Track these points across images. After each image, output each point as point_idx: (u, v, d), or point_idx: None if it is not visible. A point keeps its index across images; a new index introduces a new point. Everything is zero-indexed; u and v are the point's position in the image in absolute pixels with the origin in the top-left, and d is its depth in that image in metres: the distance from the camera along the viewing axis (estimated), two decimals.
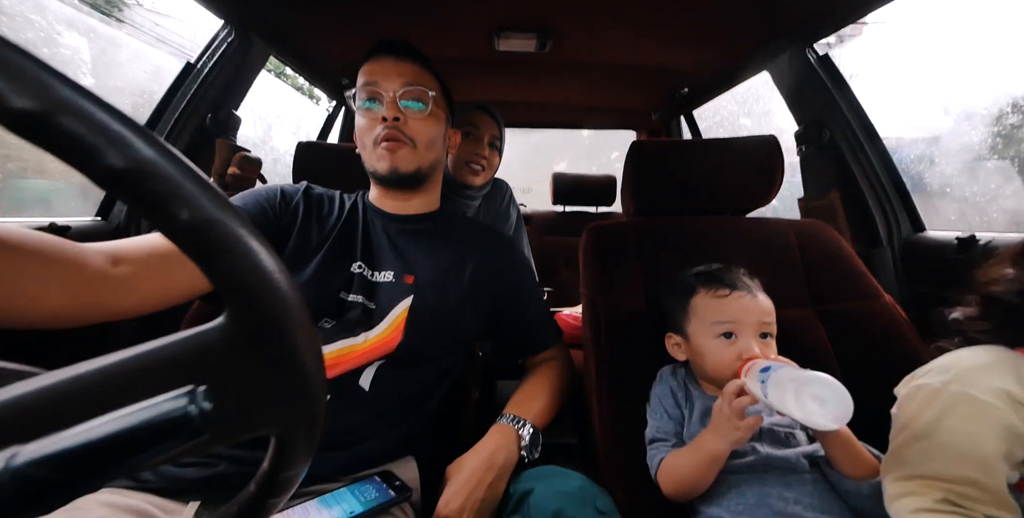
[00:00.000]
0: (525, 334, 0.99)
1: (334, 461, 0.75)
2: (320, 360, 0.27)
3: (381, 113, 0.86)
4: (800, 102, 1.54)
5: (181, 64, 1.42)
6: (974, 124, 1.99)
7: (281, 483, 0.30)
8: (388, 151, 0.86)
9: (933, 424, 0.63)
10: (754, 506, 0.74)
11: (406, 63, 0.89)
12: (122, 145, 0.19)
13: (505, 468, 0.79)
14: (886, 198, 1.42)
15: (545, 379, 0.96)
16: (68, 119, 0.18)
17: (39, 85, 0.18)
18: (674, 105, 2.35)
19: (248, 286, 0.23)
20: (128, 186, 0.20)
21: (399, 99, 0.86)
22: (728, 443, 0.71)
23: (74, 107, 0.18)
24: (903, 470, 0.64)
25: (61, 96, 0.18)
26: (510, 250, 1.01)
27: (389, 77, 0.87)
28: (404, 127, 0.87)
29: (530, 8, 1.33)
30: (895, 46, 2.34)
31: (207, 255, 0.22)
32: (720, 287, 0.85)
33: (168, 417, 0.22)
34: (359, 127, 0.90)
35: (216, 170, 1.40)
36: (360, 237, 0.90)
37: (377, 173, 0.89)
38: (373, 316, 0.83)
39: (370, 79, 0.87)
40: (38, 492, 0.20)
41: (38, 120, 0.18)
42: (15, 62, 0.18)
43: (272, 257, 0.24)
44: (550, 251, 2.44)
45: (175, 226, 0.21)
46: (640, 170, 1.14)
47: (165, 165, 0.20)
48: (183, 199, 0.20)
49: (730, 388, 0.71)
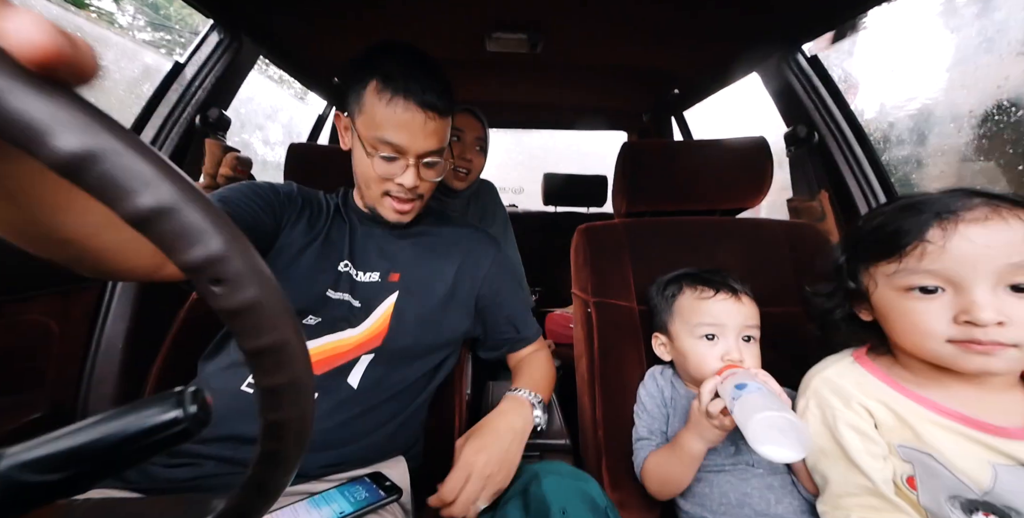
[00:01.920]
0: (509, 330, 1.00)
1: (322, 459, 0.75)
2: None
3: (398, 173, 0.82)
4: (789, 103, 1.55)
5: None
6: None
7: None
8: (398, 211, 0.87)
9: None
10: (736, 506, 0.75)
11: (434, 120, 0.80)
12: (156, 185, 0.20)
13: (522, 432, 0.80)
14: (874, 198, 1.43)
15: (538, 366, 0.98)
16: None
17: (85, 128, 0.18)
18: (665, 106, 2.36)
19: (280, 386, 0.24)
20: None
21: (420, 161, 0.82)
22: (704, 442, 0.73)
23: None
24: (823, 497, 0.70)
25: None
26: (494, 246, 1.03)
27: (415, 137, 0.79)
28: (418, 188, 0.85)
29: (521, 8, 1.33)
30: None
31: (235, 321, 0.22)
32: (704, 289, 0.86)
33: (158, 421, 0.22)
34: (365, 170, 0.83)
35: (207, 170, 1.39)
36: (348, 237, 0.90)
37: (379, 218, 0.89)
38: (358, 313, 0.84)
39: (394, 139, 0.78)
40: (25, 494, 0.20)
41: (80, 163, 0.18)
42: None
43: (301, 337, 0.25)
44: (541, 251, 2.45)
45: (186, 265, 0.21)
46: (631, 171, 1.15)
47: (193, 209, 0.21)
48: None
49: (706, 387, 0.72)
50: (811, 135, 1.47)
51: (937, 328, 0.58)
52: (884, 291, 0.65)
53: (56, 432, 0.22)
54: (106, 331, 1.18)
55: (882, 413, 0.66)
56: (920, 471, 0.62)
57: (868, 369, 0.70)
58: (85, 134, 0.18)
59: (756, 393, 0.65)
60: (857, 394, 0.68)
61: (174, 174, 0.20)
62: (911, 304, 0.61)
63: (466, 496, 0.69)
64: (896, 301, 0.63)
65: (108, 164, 0.19)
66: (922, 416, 0.63)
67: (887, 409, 0.66)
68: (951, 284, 0.57)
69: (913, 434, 0.63)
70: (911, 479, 0.63)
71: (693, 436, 0.73)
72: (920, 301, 0.60)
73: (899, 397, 0.65)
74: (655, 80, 2.00)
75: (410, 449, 0.88)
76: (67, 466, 0.21)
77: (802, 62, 1.49)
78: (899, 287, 0.62)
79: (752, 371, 0.73)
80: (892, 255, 0.62)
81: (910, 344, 0.63)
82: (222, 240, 0.21)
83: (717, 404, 0.69)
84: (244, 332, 0.23)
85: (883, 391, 0.67)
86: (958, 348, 0.57)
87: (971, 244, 0.56)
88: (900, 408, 0.65)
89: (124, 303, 1.20)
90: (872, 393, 0.67)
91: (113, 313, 1.19)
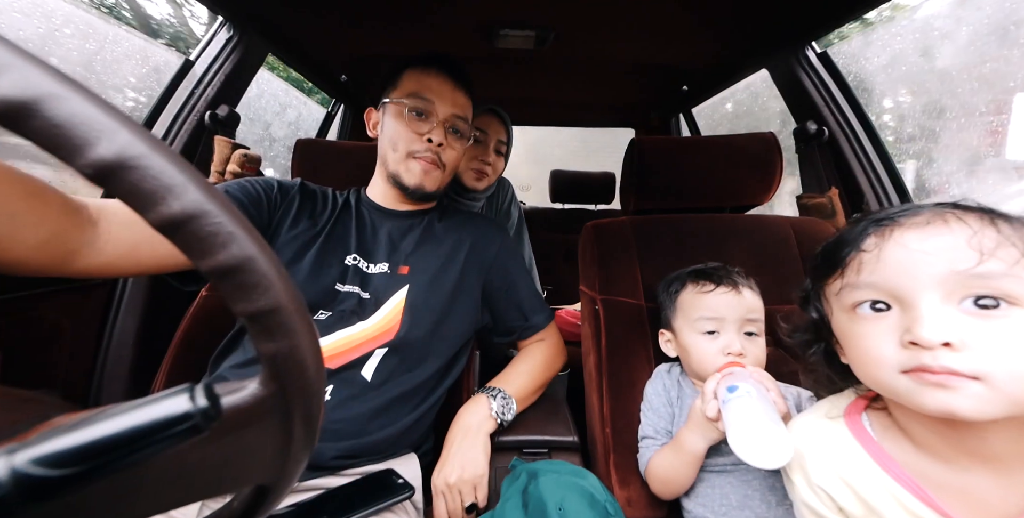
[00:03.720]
0: (517, 317, 1.01)
1: (336, 450, 0.76)
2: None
3: (427, 131, 0.89)
4: (799, 100, 1.54)
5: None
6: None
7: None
8: (423, 171, 0.91)
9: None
10: (737, 508, 0.75)
11: (461, 92, 0.94)
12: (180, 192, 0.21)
13: (477, 426, 0.85)
14: (885, 195, 1.42)
15: (529, 358, 0.99)
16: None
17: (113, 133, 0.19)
18: (673, 103, 2.35)
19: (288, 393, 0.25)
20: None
21: (447, 125, 0.91)
22: (706, 441, 0.72)
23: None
24: None
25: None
26: (501, 235, 1.04)
27: (444, 100, 0.91)
28: (442, 152, 0.91)
29: (530, 5, 1.32)
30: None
31: (255, 324, 0.24)
32: (705, 283, 0.85)
33: (168, 415, 0.23)
34: (396, 130, 0.91)
35: (216, 168, 1.39)
36: (354, 231, 0.92)
37: (401, 182, 0.92)
38: (368, 305, 0.85)
39: (425, 93, 0.90)
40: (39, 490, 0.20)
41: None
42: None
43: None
44: (549, 249, 2.44)
45: (212, 268, 0.22)
46: (639, 168, 1.15)
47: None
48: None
49: (707, 387, 0.71)
50: (821, 131, 1.46)
51: (885, 353, 0.48)
52: (837, 315, 0.55)
53: (66, 425, 0.22)
54: (117, 328, 1.20)
55: (848, 497, 0.55)
56: None
57: (854, 431, 0.57)
58: (118, 143, 0.19)
59: (744, 398, 0.64)
60: (821, 473, 0.57)
61: (202, 181, 0.21)
62: (859, 327, 0.52)
63: (451, 512, 0.78)
64: (847, 325, 0.54)
65: (140, 172, 0.20)
66: (904, 505, 0.51)
67: (855, 492, 0.54)
68: (895, 299, 0.48)
69: None
70: None
71: (694, 434, 0.73)
72: (868, 322, 0.51)
73: (880, 477, 0.53)
74: (663, 77, 1.99)
75: (421, 446, 0.88)
76: (78, 461, 0.21)
77: (812, 58, 1.48)
78: (846, 306, 0.53)
79: (749, 370, 0.72)
80: (834, 270, 0.55)
81: (865, 376, 0.52)
82: (250, 245, 0.22)
83: (713, 406, 0.68)
84: (260, 334, 0.24)
85: (860, 466, 0.55)
86: (912, 379, 0.46)
87: (905, 250, 0.48)
88: (872, 491, 0.53)
89: (135, 300, 1.21)
90: (845, 468, 0.56)
91: (124, 310, 1.20)
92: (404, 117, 0.90)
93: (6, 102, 0.18)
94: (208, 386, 0.24)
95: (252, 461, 0.28)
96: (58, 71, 0.19)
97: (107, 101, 0.20)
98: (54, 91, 0.19)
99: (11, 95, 0.18)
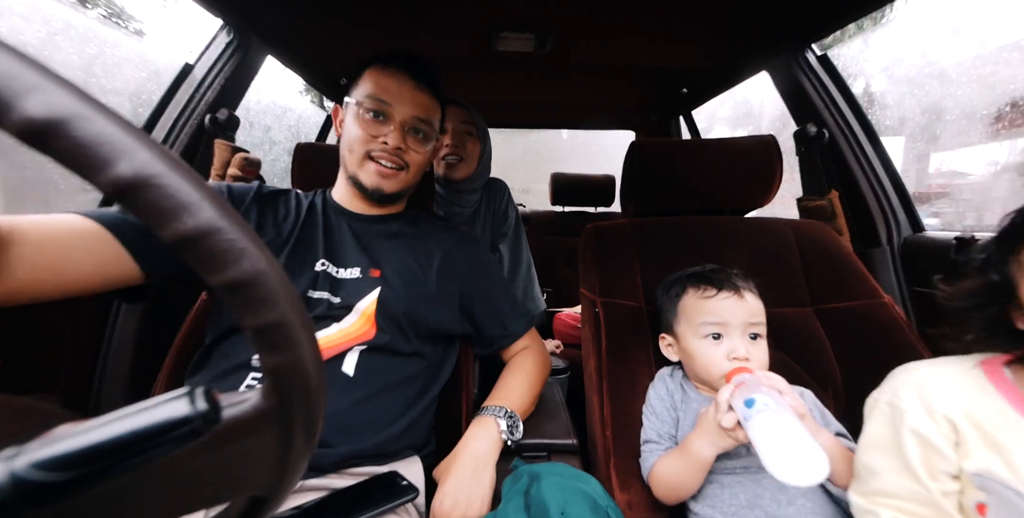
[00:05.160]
0: (496, 326, 1.00)
1: (336, 453, 0.75)
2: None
3: (384, 134, 0.87)
4: (799, 102, 1.54)
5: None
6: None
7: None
8: (380, 175, 0.89)
9: (868, 436, 0.64)
10: (747, 507, 0.74)
11: (423, 92, 0.90)
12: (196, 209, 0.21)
13: (487, 455, 0.81)
14: (885, 198, 1.42)
15: (520, 370, 0.98)
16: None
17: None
18: (673, 105, 2.35)
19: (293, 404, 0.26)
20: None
21: (406, 127, 0.88)
22: (715, 448, 0.71)
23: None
24: (859, 486, 0.65)
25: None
26: (473, 244, 1.03)
27: (403, 101, 0.87)
28: (404, 154, 0.89)
29: (529, 8, 1.32)
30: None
31: (260, 338, 0.24)
32: (707, 287, 0.85)
33: (168, 418, 0.22)
34: (352, 132, 0.88)
35: (216, 171, 1.40)
36: (322, 236, 0.91)
37: (360, 184, 0.90)
38: (338, 309, 0.84)
39: (383, 96, 0.87)
40: (39, 495, 0.20)
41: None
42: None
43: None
44: (549, 251, 2.44)
45: (222, 283, 0.23)
46: (639, 170, 1.15)
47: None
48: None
49: (721, 397, 0.70)
50: (821, 134, 1.46)
51: None
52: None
53: (68, 429, 0.22)
54: (116, 333, 1.19)
55: (971, 433, 0.55)
56: (995, 503, 0.53)
57: (992, 379, 0.58)
58: (137, 162, 0.20)
59: (765, 413, 0.62)
60: (947, 404, 0.57)
61: (216, 199, 0.22)
62: None
63: None
64: None
65: (157, 190, 0.20)
66: None
67: (981, 430, 0.55)
68: None
69: (1005, 463, 0.53)
70: (982, 506, 0.55)
71: (704, 442, 0.72)
72: None
73: (1015, 418, 0.54)
74: (663, 79, 1.99)
75: (423, 449, 0.88)
76: (78, 465, 0.21)
77: (812, 60, 1.48)
78: None
79: (759, 375, 0.71)
80: None
81: None
82: (261, 262, 0.23)
83: (730, 418, 0.67)
84: (266, 348, 0.25)
85: (995, 408, 0.55)
86: None
87: None
88: (1004, 432, 0.54)
89: (134, 306, 1.21)
90: (975, 407, 0.56)
91: (123, 315, 1.20)
92: (360, 118, 0.87)
93: (34, 123, 0.19)
94: (207, 390, 0.24)
95: (251, 471, 0.28)
96: (82, 91, 0.20)
97: (128, 120, 0.21)
98: (80, 112, 0.19)
99: (39, 115, 0.19)
